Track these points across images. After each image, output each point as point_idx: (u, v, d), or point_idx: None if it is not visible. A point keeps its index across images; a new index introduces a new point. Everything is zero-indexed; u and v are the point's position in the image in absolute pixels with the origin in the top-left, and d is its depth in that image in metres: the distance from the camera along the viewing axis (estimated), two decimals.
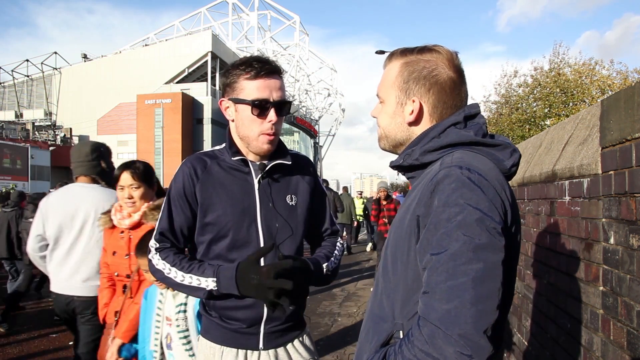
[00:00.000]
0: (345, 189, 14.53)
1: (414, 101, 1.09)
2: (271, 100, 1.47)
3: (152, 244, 1.56)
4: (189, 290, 1.48)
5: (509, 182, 1.07)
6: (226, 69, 1.54)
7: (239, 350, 1.52)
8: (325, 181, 14.21)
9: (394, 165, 1.15)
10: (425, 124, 1.10)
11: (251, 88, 1.46)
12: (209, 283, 1.43)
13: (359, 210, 13.97)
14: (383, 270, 1.09)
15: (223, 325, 1.52)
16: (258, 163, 1.55)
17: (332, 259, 1.64)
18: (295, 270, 1.38)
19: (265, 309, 1.50)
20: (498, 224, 0.89)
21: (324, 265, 1.58)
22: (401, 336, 0.98)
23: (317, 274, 1.53)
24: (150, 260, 1.56)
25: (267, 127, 1.48)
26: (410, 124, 1.11)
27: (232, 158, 1.53)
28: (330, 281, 1.64)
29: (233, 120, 1.54)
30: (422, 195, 0.97)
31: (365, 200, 14.42)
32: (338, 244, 1.71)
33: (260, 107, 1.46)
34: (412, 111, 1.09)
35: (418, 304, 0.91)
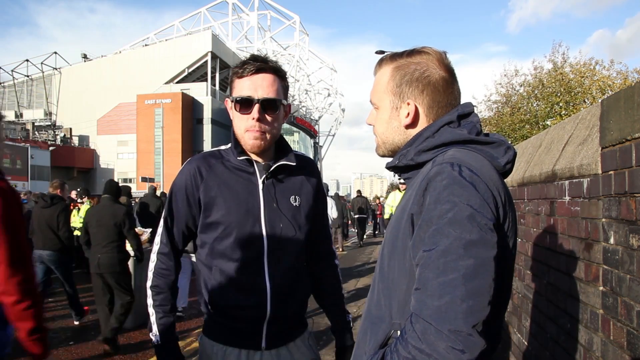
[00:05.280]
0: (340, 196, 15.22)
1: (408, 104, 1.10)
2: (255, 97, 1.48)
3: (157, 241, 1.61)
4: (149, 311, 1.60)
5: (506, 179, 1.07)
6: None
7: (242, 350, 1.52)
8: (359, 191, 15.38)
9: (390, 167, 1.16)
10: (422, 125, 1.10)
11: (239, 86, 1.50)
12: (156, 338, 1.56)
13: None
14: (380, 271, 1.10)
15: (226, 324, 1.53)
16: (263, 164, 1.56)
17: (342, 298, 1.79)
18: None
19: (269, 309, 1.50)
20: (490, 220, 0.89)
21: (349, 319, 1.77)
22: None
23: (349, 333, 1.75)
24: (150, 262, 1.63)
25: (251, 124, 1.49)
26: (407, 126, 1.11)
27: (238, 158, 1.54)
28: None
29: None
30: (416, 194, 0.98)
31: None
32: (338, 270, 1.80)
33: (242, 104, 1.49)
34: (408, 114, 1.10)
35: None
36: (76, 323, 5.70)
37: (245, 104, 1.48)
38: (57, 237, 5.39)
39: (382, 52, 20.06)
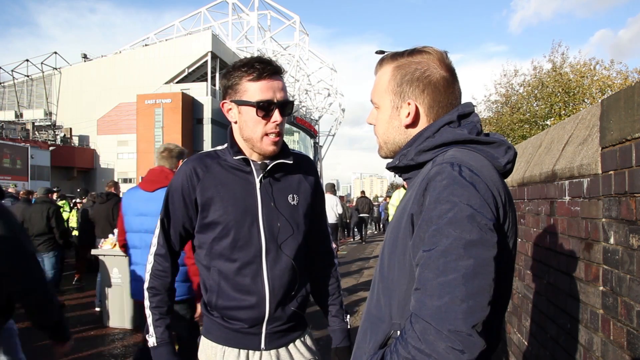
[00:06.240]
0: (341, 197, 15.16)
1: (409, 104, 1.09)
2: (275, 101, 1.47)
3: (154, 242, 1.61)
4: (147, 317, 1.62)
5: (506, 179, 1.07)
6: (227, 70, 1.54)
7: (241, 350, 1.52)
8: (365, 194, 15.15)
9: (390, 167, 1.16)
10: (422, 125, 1.10)
11: (254, 89, 1.46)
12: (152, 340, 1.58)
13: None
14: (380, 271, 1.10)
15: (225, 325, 1.53)
16: (259, 162, 1.55)
17: (341, 298, 1.78)
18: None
19: (268, 309, 1.50)
20: (490, 220, 0.89)
21: (347, 320, 1.75)
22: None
23: (347, 332, 1.74)
24: (147, 263, 1.63)
25: (272, 127, 1.48)
26: (408, 126, 1.11)
27: (234, 157, 1.53)
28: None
29: (236, 122, 1.54)
30: (416, 194, 0.98)
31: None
32: (337, 271, 1.79)
33: (264, 108, 1.46)
34: (409, 114, 1.09)
35: None
36: (97, 309, 6.26)
37: (266, 108, 1.47)
38: (112, 227, 6.10)
39: (382, 52, 20.03)
